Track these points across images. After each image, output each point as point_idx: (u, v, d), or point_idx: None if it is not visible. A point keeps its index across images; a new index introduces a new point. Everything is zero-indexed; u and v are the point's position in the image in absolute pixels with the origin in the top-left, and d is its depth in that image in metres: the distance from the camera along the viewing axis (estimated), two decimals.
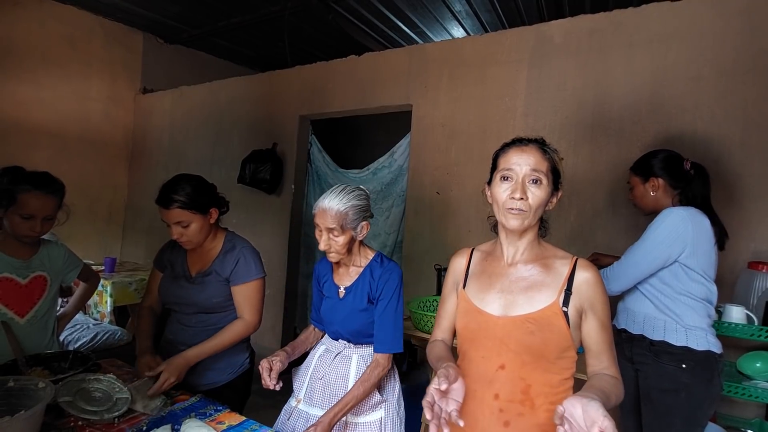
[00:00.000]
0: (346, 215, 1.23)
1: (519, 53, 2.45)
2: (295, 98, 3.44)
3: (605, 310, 0.92)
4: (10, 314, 1.42)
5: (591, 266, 0.94)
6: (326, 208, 1.24)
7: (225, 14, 3.93)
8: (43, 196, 1.38)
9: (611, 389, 0.84)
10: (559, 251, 0.98)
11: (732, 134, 1.90)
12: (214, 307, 1.45)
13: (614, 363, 0.91)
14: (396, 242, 3.36)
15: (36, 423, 0.97)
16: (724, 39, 1.93)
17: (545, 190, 0.91)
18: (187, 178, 1.41)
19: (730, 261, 1.84)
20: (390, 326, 1.29)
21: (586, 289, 0.91)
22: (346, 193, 1.26)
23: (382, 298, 1.29)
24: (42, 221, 1.40)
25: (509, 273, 0.96)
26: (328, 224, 1.23)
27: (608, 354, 0.91)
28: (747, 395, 1.57)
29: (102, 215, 4.36)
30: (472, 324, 0.97)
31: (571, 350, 0.91)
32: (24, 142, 3.70)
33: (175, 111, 4.26)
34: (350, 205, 1.24)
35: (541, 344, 0.89)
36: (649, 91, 2.08)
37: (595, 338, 0.91)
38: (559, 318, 0.89)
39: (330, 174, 3.58)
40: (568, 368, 0.92)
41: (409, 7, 3.50)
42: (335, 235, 1.25)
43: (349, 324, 1.32)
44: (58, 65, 3.91)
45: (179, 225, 1.37)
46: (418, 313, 1.99)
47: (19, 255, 1.45)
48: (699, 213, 1.44)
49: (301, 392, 1.37)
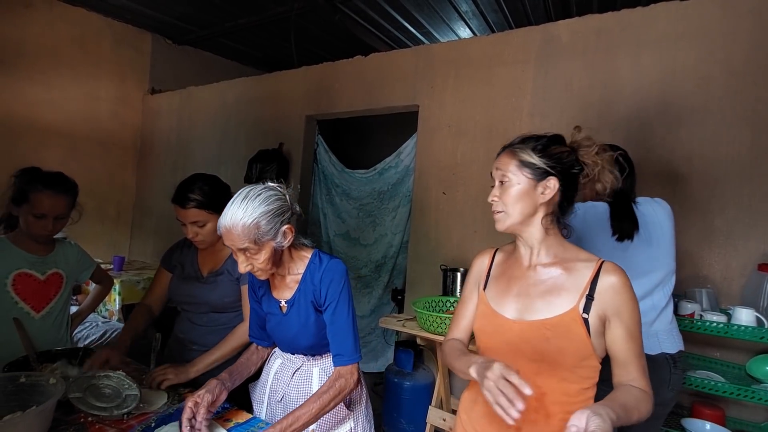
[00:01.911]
0: (257, 227, 1.01)
1: (526, 53, 2.44)
2: (301, 98, 3.45)
3: (633, 317, 0.87)
4: (26, 308, 1.45)
5: (617, 270, 0.88)
6: (229, 226, 1.01)
7: (232, 15, 3.95)
8: (54, 195, 1.40)
9: (634, 403, 0.80)
10: (582, 253, 0.93)
11: (742, 135, 1.88)
12: (225, 306, 1.46)
13: (643, 374, 0.86)
14: (402, 242, 3.37)
15: (47, 419, 0.99)
16: (735, 39, 1.91)
17: (515, 186, 0.92)
18: (204, 178, 1.42)
19: (739, 263, 1.82)
20: (344, 334, 1.11)
21: (611, 296, 0.86)
22: (250, 200, 1.03)
23: (329, 303, 1.11)
24: (54, 220, 1.42)
25: (528, 276, 0.94)
26: (238, 244, 1.01)
27: (636, 364, 0.86)
28: (756, 398, 1.55)
29: (110, 214, 4.40)
30: (488, 327, 0.96)
31: (592, 359, 0.88)
32: (35, 142, 3.74)
33: (183, 111, 4.30)
34: (259, 213, 1.01)
35: (556, 352, 0.86)
36: (657, 91, 2.06)
37: (621, 347, 0.86)
38: (578, 325, 0.85)
39: (336, 174, 3.59)
40: (588, 377, 0.88)
41: (416, 7, 3.50)
42: (252, 253, 1.04)
43: (302, 339, 1.16)
44: (68, 66, 3.95)
45: (195, 224, 1.38)
46: (423, 314, 1.99)
47: (35, 252, 1.48)
48: (590, 208, 1.43)
49: (261, 413, 1.26)
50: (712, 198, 1.91)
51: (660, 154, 2.02)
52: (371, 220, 3.49)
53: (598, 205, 1.46)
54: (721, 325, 1.59)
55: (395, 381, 2.48)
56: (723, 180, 1.90)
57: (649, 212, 1.45)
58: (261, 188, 1.07)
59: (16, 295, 1.43)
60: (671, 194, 1.92)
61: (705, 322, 1.63)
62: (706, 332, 1.62)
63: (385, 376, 2.55)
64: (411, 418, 2.41)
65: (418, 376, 2.51)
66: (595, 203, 1.46)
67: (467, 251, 2.56)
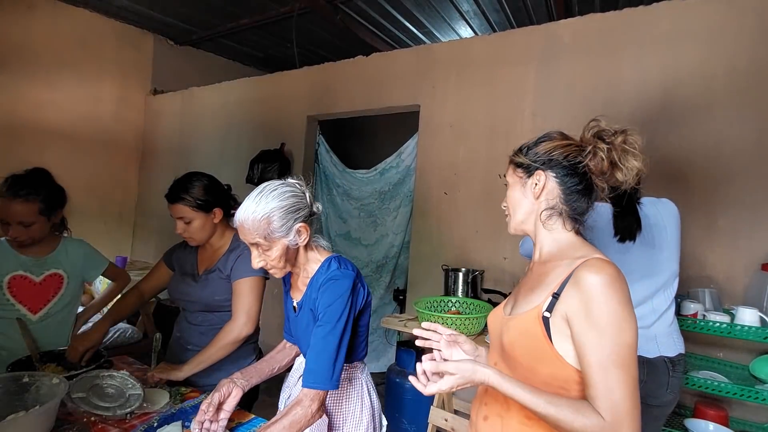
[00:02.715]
0: (269, 222, 1.00)
1: (528, 53, 2.43)
2: (302, 99, 3.45)
3: (598, 322, 0.73)
4: (23, 311, 1.45)
5: (595, 268, 0.76)
6: (241, 220, 1.01)
7: (234, 16, 3.96)
8: (10, 200, 1.35)
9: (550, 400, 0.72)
10: (581, 250, 0.85)
11: (746, 134, 1.87)
12: (216, 304, 1.45)
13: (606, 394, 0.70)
14: (403, 242, 3.37)
15: (50, 418, 0.99)
16: (738, 37, 1.90)
17: (513, 188, 0.95)
18: (198, 177, 1.44)
19: (743, 263, 1.82)
20: (320, 354, 1.00)
21: (574, 293, 0.77)
22: (264, 195, 1.02)
23: (321, 315, 1.03)
24: (17, 226, 1.37)
25: (530, 273, 0.96)
26: (249, 239, 1.02)
27: (597, 378, 0.72)
28: (760, 399, 1.55)
29: (113, 215, 4.41)
30: (490, 324, 1.00)
31: (555, 363, 0.78)
32: (37, 143, 3.76)
33: (185, 112, 4.31)
34: (271, 207, 1.00)
35: (510, 348, 0.85)
36: (660, 91, 2.06)
37: (580, 357, 0.75)
38: (536, 324, 0.80)
39: (337, 174, 3.59)
40: (553, 384, 0.79)
41: (417, 7, 3.50)
42: (264, 249, 1.03)
43: (306, 344, 1.11)
44: (71, 67, 3.97)
45: (182, 220, 1.40)
46: (425, 314, 1.99)
47: (32, 253, 1.48)
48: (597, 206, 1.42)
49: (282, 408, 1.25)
50: (716, 197, 1.90)
51: (663, 153, 2.01)
52: (372, 220, 3.49)
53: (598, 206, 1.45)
54: (724, 325, 1.59)
55: (397, 381, 2.48)
56: (727, 179, 1.89)
57: (652, 214, 1.43)
58: (278, 184, 1.06)
59: (12, 298, 1.44)
60: (674, 194, 1.91)
61: (708, 322, 1.62)
62: (710, 332, 1.61)
63: (387, 376, 2.55)
64: (413, 419, 2.40)
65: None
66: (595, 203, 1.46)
67: (469, 251, 2.56)
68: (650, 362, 1.38)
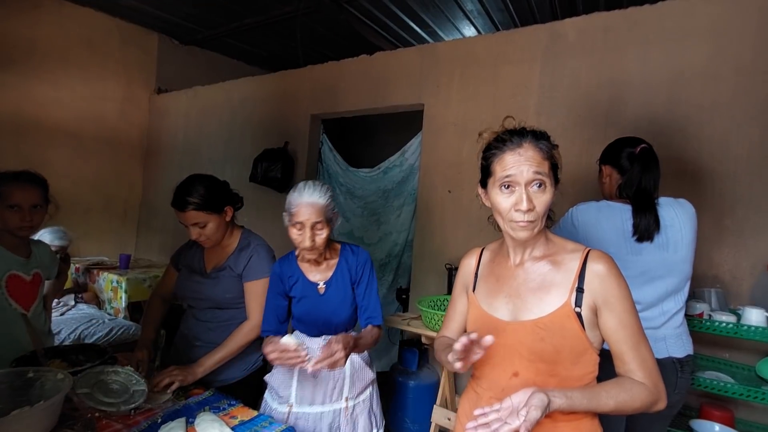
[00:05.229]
0: (327, 207, 1.27)
1: (532, 52, 2.43)
2: (306, 98, 3.45)
3: (623, 304, 0.82)
4: (19, 309, 1.49)
5: (603, 257, 0.85)
6: (312, 202, 1.24)
7: (238, 15, 3.97)
8: (23, 185, 1.45)
9: (615, 392, 0.78)
10: (569, 244, 0.90)
11: (751, 134, 1.85)
12: (227, 302, 1.47)
13: (642, 365, 0.81)
14: (407, 241, 3.36)
15: (54, 413, 1.00)
16: (743, 36, 1.88)
17: (550, 191, 0.85)
18: (199, 179, 1.44)
19: (749, 263, 1.80)
20: (376, 301, 1.39)
21: (598, 284, 0.83)
22: (320, 186, 1.29)
23: (362, 281, 1.38)
24: (30, 211, 1.46)
25: (517, 274, 0.92)
26: (314, 218, 1.24)
27: (632, 354, 0.81)
28: (767, 400, 1.53)
29: (117, 213, 4.43)
30: (482, 330, 0.92)
31: (589, 353, 0.85)
32: (43, 141, 3.78)
33: (189, 111, 4.32)
34: (328, 196, 1.28)
35: (553, 352, 0.83)
36: (665, 90, 2.04)
37: (613, 338, 0.83)
38: (571, 321, 0.83)
39: (341, 173, 3.59)
40: (588, 372, 0.86)
41: (421, 6, 3.49)
42: (319, 228, 1.26)
43: (337, 317, 1.35)
44: (77, 66, 3.99)
45: (196, 226, 1.40)
46: (428, 312, 1.99)
47: (20, 253, 1.53)
48: (604, 207, 1.39)
49: (291, 397, 1.33)
50: (722, 197, 1.89)
51: (668, 153, 1.99)
52: (376, 219, 3.49)
53: (605, 205, 1.43)
54: (730, 326, 1.57)
55: (400, 380, 2.48)
56: (732, 179, 1.87)
57: (669, 215, 1.39)
58: (321, 182, 1.36)
59: (9, 297, 1.47)
60: (680, 193, 1.88)
61: (714, 322, 1.61)
62: (716, 332, 1.60)
63: (390, 376, 2.55)
64: (415, 418, 2.40)
65: (423, 376, 2.50)
66: (609, 203, 1.43)
67: None
68: (659, 362, 1.37)
